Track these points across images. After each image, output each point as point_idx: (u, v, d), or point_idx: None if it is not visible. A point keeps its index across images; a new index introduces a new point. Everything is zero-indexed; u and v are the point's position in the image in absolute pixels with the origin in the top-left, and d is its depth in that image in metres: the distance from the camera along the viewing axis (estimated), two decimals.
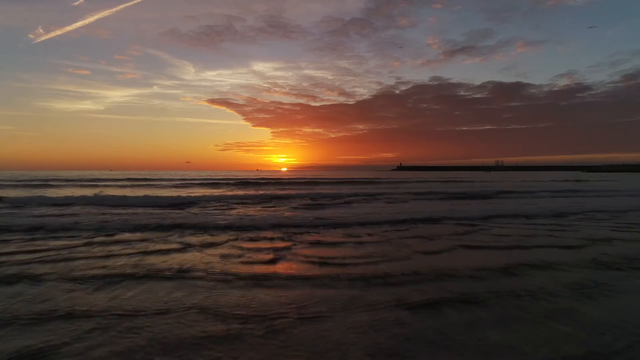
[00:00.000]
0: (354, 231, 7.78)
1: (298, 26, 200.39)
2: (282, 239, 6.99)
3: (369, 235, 7.41)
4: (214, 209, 12.15)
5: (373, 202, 14.20)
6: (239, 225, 8.33)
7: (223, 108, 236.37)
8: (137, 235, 7.30)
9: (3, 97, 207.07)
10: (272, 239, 7.05)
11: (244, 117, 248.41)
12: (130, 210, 11.49)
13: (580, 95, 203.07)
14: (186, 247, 6.22)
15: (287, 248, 6.21)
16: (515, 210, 11.46)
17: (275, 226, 8.22)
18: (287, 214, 10.83)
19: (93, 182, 31.61)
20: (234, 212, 11.47)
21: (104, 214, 10.59)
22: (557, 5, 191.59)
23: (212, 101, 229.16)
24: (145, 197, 14.28)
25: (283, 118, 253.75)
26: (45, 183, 29.12)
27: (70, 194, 17.63)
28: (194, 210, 11.90)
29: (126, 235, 7.25)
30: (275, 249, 6.10)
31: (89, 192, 20.52)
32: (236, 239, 6.93)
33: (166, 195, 17.63)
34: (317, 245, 6.44)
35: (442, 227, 8.36)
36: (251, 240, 6.92)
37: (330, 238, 7.09)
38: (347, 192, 17.96)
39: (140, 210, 11.75)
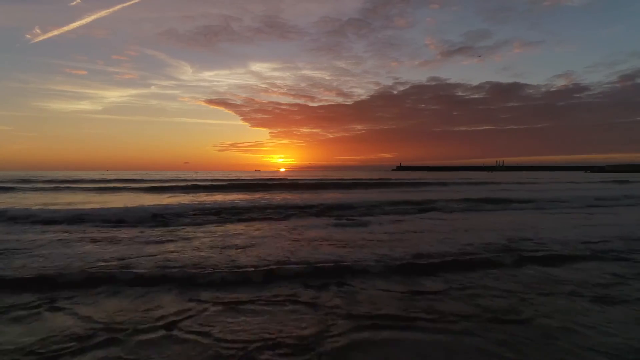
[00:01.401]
0: (438, 284, 4.19)
1: (295, 26, 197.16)
2: (300, 319, 3.40)
3: (475, 304, 3.84)
4: (187, 228, 8.53)
5: (415, 213, 10.47)
6: (209, 271, 4.69)
7: (221, 108, 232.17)
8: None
9: (0, 97, 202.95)
10: (270, 311, 3.46)
11: (242, 118, 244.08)
12: (62, 229, 7.88)
13: (578, 95, 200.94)
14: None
15: None
16: None
17: (279, 279, 4.53)
18: (296, 240, 7.23)
19: (74, 183, 27.74)
20: (217, 230, 7.87)
21: (6, 240, 6.97)
22: (554, 6, 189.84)
23: (210, 101, 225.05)
24: (101, 209, 10.62)
25: (281, 118, 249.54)
26: (13, 186, 25.35)
27: (14, 204, 13.99)
28: (158, 231, 8.28)
29: None
30: None
31: (49, 197, 16.90)
32: (188, 319, 3.32)
33: (140, 203, 14.06)
34: None
35: (575, 271, 4.79)
36: (223, 318, 3.32)
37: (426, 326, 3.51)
38: (370, 199, 14.29)
39: (73, 228, 8.15)
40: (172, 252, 5.67)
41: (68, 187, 24.43)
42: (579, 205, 12.65)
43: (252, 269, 4.39)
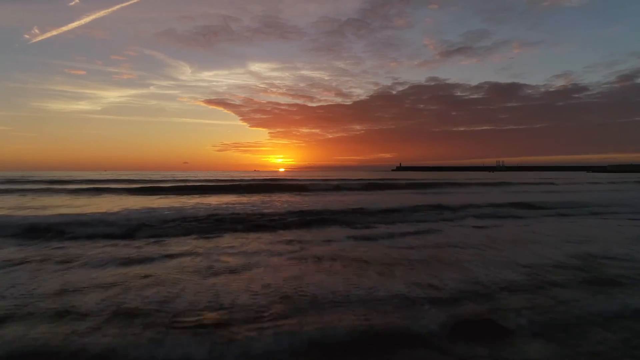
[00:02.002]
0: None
1: (294, 27, 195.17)
2: None
3: None
4: (170, 240, 7.04)
5: (441, 221, 8.78)
6: (177, 331, 3.16)
7: (220, 108, 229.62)
8: None
9: None
10: None
11: (241, 118, 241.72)
12: (16, 242, 6.36)
13: (577, 95, 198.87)
14: None
15: None
16: None
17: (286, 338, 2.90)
18: (302, 259, 5.74)
19: (64, 184, 25.97)
20: (205, 245, 6.37)
21: None
22: (553, 6, 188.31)
23: (209, 102, 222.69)
24: (76, 215, 9.11)
25: (280, 119, 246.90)
26: None
27: None
28: (134, 245, 6.79)
29: None
30: None
31: (26, 201, 15.35)
32: None
33: (126, 206, 12.58)
34: None
35: None
36: None
37: None
38: (382, 202, 12.71)
39: (29, 242, 6.65)
40: (139, 279, 4.17)
41: (55, 189, 22.84)
42: (632, 211, 11.01)
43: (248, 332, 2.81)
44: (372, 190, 21.17)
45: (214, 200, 15.13)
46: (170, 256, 5.37)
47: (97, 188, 21.77)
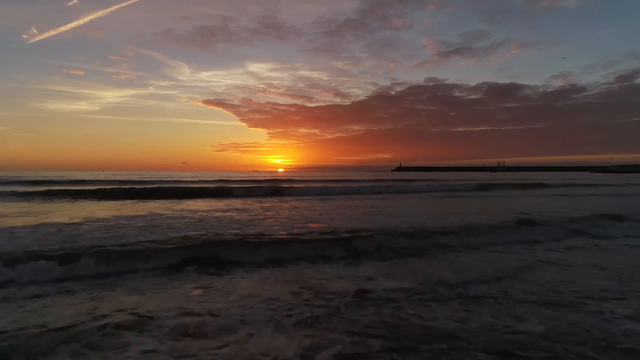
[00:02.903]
0: None
1: (293, 27, 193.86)
2: None
3: None
4: (87, 299, 4.36)
5: (540, 242, 5.74)
6: None
7: (219, 109, 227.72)
8: None
9: None
10: None
11: (239, 118, 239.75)
12: None
13: (575, 96, 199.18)
14: None
15: None
16: None
17: None
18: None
19: (38, 186, 23.05)
20: (148, 296, 3.70)
21: None
22: (551, 7, 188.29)
23: (208, 102, 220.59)
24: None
25: (279, 119, 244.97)
26: None
27: None
28: (18, 310, 4.12)
29: None
30: None
31: None
32: None
33: (87, 217, 10.07)
34: None
35: None
36: None
37: None
38: (427, 214, 10.01)
39: None
40: None
41: (19, 192, 19.98)
42: None
43: None
44: (390, 194, 18.49)
45: (203, 206, 12.46)
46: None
47: (71, 190, 18.88)
